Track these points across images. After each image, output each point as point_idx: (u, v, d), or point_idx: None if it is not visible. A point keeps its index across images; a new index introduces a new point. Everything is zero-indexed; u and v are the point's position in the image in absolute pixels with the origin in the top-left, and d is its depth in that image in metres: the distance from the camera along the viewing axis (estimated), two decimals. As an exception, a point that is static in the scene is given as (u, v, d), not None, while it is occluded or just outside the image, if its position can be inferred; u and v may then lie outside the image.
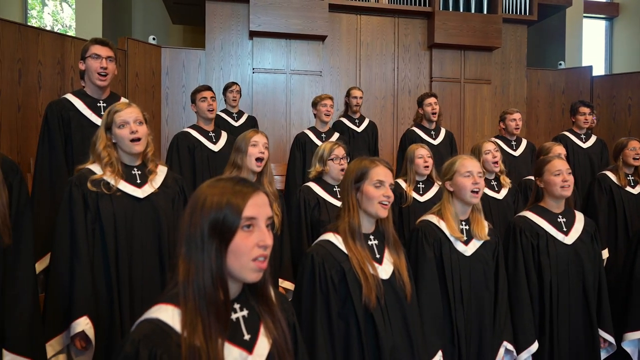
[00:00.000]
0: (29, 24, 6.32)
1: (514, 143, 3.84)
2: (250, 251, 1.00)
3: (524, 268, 2.19)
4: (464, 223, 2.06)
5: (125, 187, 1.91)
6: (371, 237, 1.69)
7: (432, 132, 4.07)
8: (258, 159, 2.33)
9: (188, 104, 5.58)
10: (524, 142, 3.90)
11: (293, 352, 1.15)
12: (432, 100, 4.01)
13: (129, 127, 1.89)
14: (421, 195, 3.01)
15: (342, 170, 2.68)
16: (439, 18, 5.94)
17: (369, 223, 1.69)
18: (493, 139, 3.58)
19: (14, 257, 1.44)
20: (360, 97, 4.53)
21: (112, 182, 1.88)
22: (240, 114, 4.59)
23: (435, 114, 4.01)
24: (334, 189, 2.71)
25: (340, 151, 2.68)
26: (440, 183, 3.05)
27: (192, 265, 0.99)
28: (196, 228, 1.00)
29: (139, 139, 1.90)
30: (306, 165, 3.72)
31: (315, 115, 3.99)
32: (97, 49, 2.48)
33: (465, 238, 2.04)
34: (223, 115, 4.46)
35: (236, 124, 4.43)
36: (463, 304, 1.97)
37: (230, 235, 0.99)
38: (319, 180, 2.74)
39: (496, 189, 3.03)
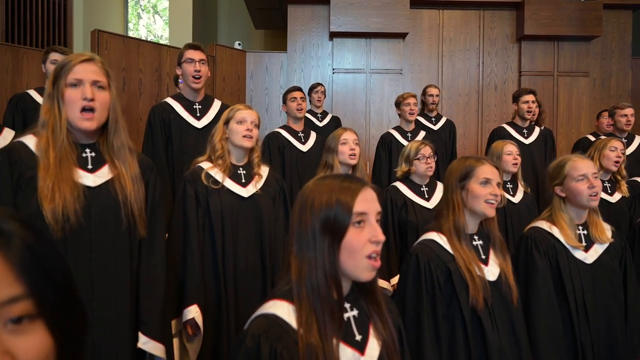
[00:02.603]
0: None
1: (624, 141, 3.48)
2: (363, 248, 0.98)
3: None
4: (581, 228, 1.87)
5: (231, 185, 2.02)
6: (475, 237, 1.63)
7: (525, 131, 3.78)
8: (351, 155, 2.37)
9: (270, 106, 5.75)
10: (637, 140, 3.52)
11: (400, 354, 1.11)
12: (529, 97, 3.69)
13: (246, 125, 2.02)
14: (512, 196, 2.81)
15: (429, 169, 2.61)
16: (529, 8, 5.57)
17: (473, 223, 1.63)
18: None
19: (148, 248, 1.53)
20: (437, 95, 4.39)
21: (219, 178, 1.99)
22: (324, 114, 4.64)
23: (530, 112, 3.70)
24: (421, 189, 2.66)
25: (427, 150, 2.63)
26: (523, 184, 2.84)
27: (304, 263, 0.99)
28: (307, 226, 0.99)
29: (250, 137, 2.03)
30: (392, 165, 3.66)
31: (399, 115, 3.92)
32: (190, 54, 2.64)
33: (584, 244, 1.83)
34: (308, 115, 4.52)
35: (320, 124, 4.48)
36: (588, 319, 1.76)
37: (342, 232, 0.98)
38: (405, 180, 2.68)
39: (609, 191, 2.75)
